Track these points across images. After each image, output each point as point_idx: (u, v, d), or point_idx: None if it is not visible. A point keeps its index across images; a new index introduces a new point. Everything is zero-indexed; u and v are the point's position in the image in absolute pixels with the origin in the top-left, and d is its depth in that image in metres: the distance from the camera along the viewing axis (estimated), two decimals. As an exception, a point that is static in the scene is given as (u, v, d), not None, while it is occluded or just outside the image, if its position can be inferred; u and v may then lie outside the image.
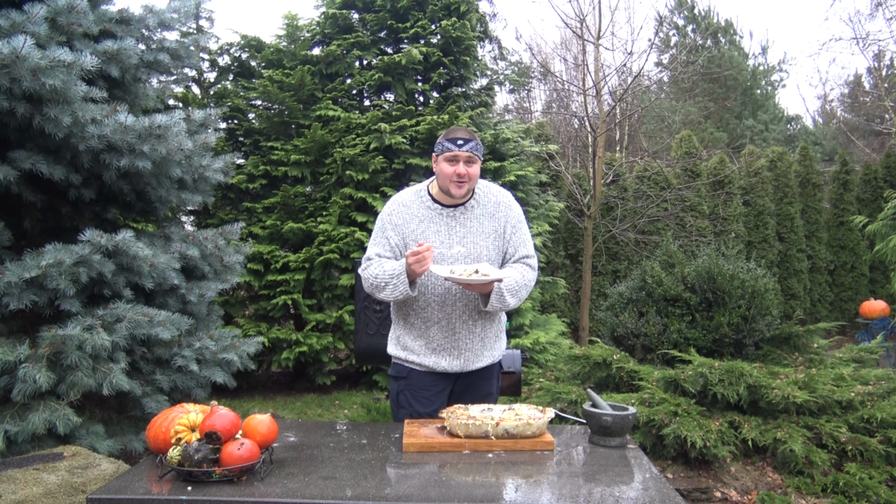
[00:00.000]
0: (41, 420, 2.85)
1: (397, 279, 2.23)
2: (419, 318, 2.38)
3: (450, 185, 2.30)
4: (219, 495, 1.56)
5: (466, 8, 6.73)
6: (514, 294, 2.31)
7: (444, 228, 2.36)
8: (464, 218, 2.37)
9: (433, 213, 2.37)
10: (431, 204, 2.38)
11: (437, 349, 2.38)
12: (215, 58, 6.96)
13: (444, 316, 2.35)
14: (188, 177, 3.88)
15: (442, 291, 2.34)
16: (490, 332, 2.44)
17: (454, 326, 2.36)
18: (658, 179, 9.57)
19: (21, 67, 2.81)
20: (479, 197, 2.41)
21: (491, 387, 2.53)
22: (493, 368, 2.52)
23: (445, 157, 2.29)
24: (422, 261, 2.15)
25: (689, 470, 3.50)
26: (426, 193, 2.41)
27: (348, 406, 5.73)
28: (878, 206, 10.43)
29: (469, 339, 2.38)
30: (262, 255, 6.01)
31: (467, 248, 2.35)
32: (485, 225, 2.38)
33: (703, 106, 16.76)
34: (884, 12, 13.29)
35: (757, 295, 4.23)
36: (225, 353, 3.76)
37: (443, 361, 2.38)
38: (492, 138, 6.56)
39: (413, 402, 2.41)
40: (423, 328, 2.38)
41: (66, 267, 3.00)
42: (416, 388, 2.41)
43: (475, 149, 2.30)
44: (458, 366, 2.39)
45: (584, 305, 7.83)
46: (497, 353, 2.50)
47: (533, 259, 2.45)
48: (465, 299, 2.35)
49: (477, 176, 2.34)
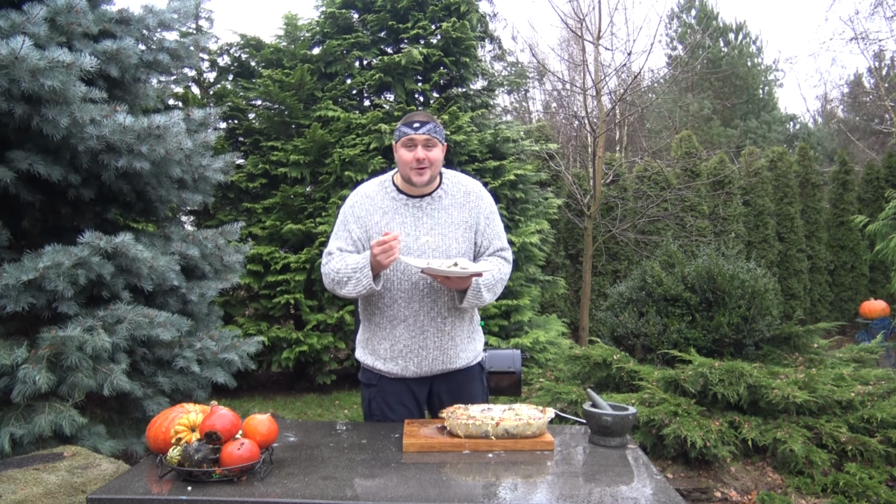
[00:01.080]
0: (47, 422, 2.84)
1: (360, 272, 2.07)
2: (384, 316, 2.21)
3: (410, 172, 2.15)
4: (219, 495, 1.55)
5: (467, 8, 6.73)
6: (490, 289, 2.19)
7: (410, 220, 2.20)
8: (431, 209, 2.22)
9: (398, 205, 2.22)
10: (396, 195, 2.23)
11: (403, 351, 2.20)
12: (215, 58, 6.96)
13: (412, 313, 2.19)
14: (188, 176, 3.88)
15: (409, 287, 2.17)
16: (461, 330, 2.27)
17: (422, 325, 2.19)
18: (658, 179, 9.58)
19: (20, 68, 2.80)
20: (448, 187, 2.26)
21: (473, 390, 2.34)
22: (473, 371, 2.35)
23: (402, 142, 2.16)
24: (388, 251, 1.99)
25: (689, 470, 3.50)
26: (391, 184, 2.25)
27: (348, 406, 5.73)
28: (879, 206, 10.43)
29: (438, 338, 2.21)
30: (261, 257, 6.01)
31: (436, 238, 2.19)
32: (454, 216, 2.23)
33: (711, 102, 16.76)
34: (884, 11, 13.30)
35: (757, 295, 4.22)
36: (225, 353, 3.76)
37: (411, 365, 2.21)
38: (492, 138, 6.56)
39: (385, 410, 2.26)
40: (389, 328, 2.21)
41: (64, 269, 2.99)
42: (387, 394, 2.26)
43: (433, 131, 2.14)
44: (427, 368, 2.23)
45: (584, 305, 7.83)
46: (472, 354, 2.33)
47: (508, 252, 2.31)
48: (433, 295, 2.18)
49: (438, 161, 2.18)
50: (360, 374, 2.37)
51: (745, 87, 18.37)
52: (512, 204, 6.69)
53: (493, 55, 8.86)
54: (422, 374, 2.25)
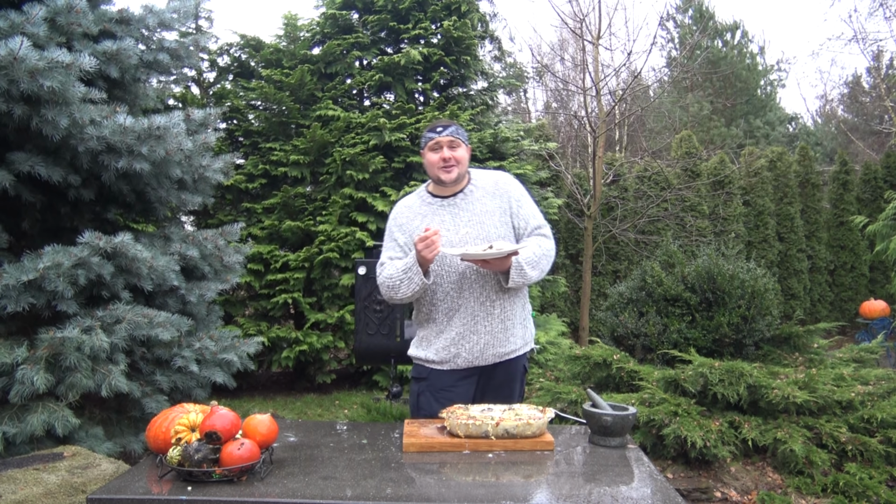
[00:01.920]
0: (40, 422, 2.84)
1: (410, 271, 2.21)
2: (440, 311, 2.34)
3: (438, 172, 2.31)
4: (219, 495, 1.55)
5: (467, 8, 6.74)
6: (534, 266, 2.27)
7: (448, 217, 2.35)
8: (465, 203, 2.37)
9: (434, 207, 2.38)
10: (431, 199, 2.40)
11: (456, 339, 2.31)
12: (215, 58, 6.96)
13: (464, 302, 2.31)
14: (188, 177, 3.88)
15: (456, 279, 2.31)
16: (512, 314, 2.37)
17: (473, 311, 2.30)
18: (658, 179, 9.57)
19: (19, 69, 2.80)
20: (477, 181, 2.42)
21: (513, 390, 2.43)
22: (518, 364, 2.43)
23: (429, 146, 2.33)
24: (430, 245, 2.11)
25: (689, 470, 3.50)
26: (425, 192, 2.44)
27: (348, 406, 5.73)
28: (879, 206, 10.43)
29: (488, 322, 2.31)
30: (261, 255, 6.01)
31: (475, 228, 2.32)
32: (487, 204, 2.36)
33: (712, 101, 16.75)
34: (884, 12, 13.30)
35: (757, 295, 4.22)
36: (225, 353, 3.76)
37: (462, 352, 2.31)
38: (491, 138, 6.56)
39: (434, 403, 2.33)
40: (446, 321, 2.34)
41: (64, 269, 2.99)
42: (436, 388, 2.36)
43: (456, 133, 2.32)
44: (478, 354, 2.31)
45: (584, 305, 7.83)
46: (521, 341, 2.42)
47: (546, 228, 2.41)
48: (480, 281, 2.30)
49: (465, 160, 2.35)
50: (411, 371, 2.50)
51: (745, 87, 18.37)
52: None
53: (493, 55, 8.85)
54: (472, 361, 2.34)
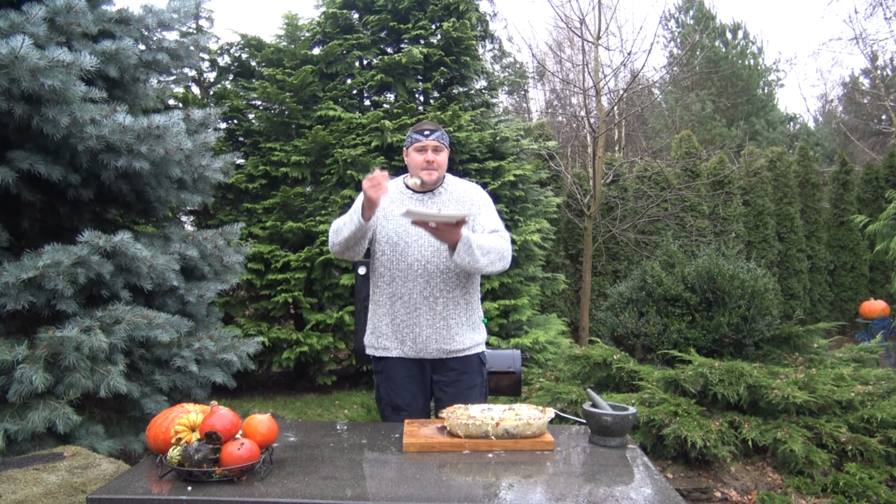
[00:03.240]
0: (41, 419, 2.84)
1: (354, 214, 2.31)
2: (384, 294, 2.47)
3: (420, 172, 2.46)
4: (219, 495, 1.55)
5: (466, 7, 6.73)
6: (484, 252, 2.29)
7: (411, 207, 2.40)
8: (431, 202, 2.51)
9: (403, 196, 2.52)
10: (404, 189, 2.54)
11: (400, 326, 2.43)
12: (215, 58, 6.95)
13: (406, 291, 2.42)
14: (188, 177, 3.88)
15: (405, 267, 2.43)
16: (455, 314, 2.44)
17: (416, 302, 2.42)
18: (658, 179, 9.57)
19: (20, 68, 2.80)
20: (448, 186, 2.56)
21: (472, 381, 2.49)
22: (471, 361, 2.50)
23: (415, 147, 2.47)
24: (377, 186, 2.18)
25: (689, 470, 3.50)
26: (401, 182, 2.58)
27: (348, 406, 5.73)
28: (879, 206, 10.44)
29: (430, 317, 2.41)
30: (262, 255, 6.01)
31: None
32: (450, 208, 2.49)
33: (714, 101, 16.74)
34: (884, 12, 13.30)
35: (757, 295, 4.22)
36: (224, 353, 3.75)
37: (408, 340, 2.43)
38: (491, 138, 6.56)
39: (391, 394, 2.47)
40: (389, 304, 2.46)
41: (64, 268, 2.99)
42: (392, 378, 2.48)
43: (440, 138, 2.47)
44: (422, 346, 2.42)
45: (584, 305, 7.83)
46: (469, 342, 2.48)
47: (504, 232, 2.48)
48: (426, 276, 2.41)
49: (444, 164, 2.50)
50: (372, 365, 2.57)
51: (745, 87, 18.35)
52: (512, 203, 6.68)
53: (493, 55, 8.86)
54: (419, 353, 2.45)
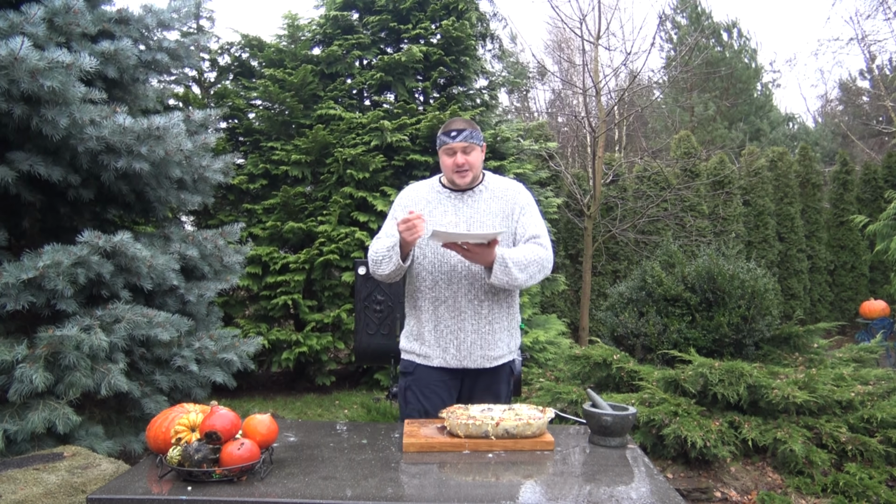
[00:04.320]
0: (40, 419, 2.84)
1: (392, 251, 2.24)
2: (426, 298, 2.37)
3: (453, 175, 2.37)
4: (219, 495, 1.55)
5: (465, 7, 6.73)
6: (522, 268, 2.24)
7: (450, 209, 2.39)
8: (471, 200, 2.40)
9: (441, 196, 2.42)
10: (441, 188, 2.45)
11: (444, 332, 2.34)
12: (216, 57, 6.95)
13: (451, 294, 2.33)
14: (188, 177, 3.88)
15: (448, 269, 2.34)
16: (500, 318, 2.37)
17: (461, 306, 2.32)
18: (658, 179, 9.57)
19: (19, 69, 2.80)
20: (489, 183, 2.45)
21: (500, 391, 2.44)
22: (503, 370, 2.44)
23: (443, 150, 2.37)
24: (412, 228, 2.13)
25: (689, 470, 3.50)
26: (437, 182, 2.49)
27: (348, 406, 5.73)
28: (879, 206, 10.43)
29: (475, 321, 2.33)
30: (260, 258, 6.00)
31: (473, 226, 2.36)
32: (492, 206, 2.39)
33: (712, 102, 16.73)
34: (884, 12, 13.29)
35: (757, 295, 4.22)
36: (225, 353, 3.75)
37: (451, 348, 2.33)
38: (491, 138, 6.57)
39: (421, 399, 2.37)
40: (432, 310, 2.36)
41: (64, 268, 2.99)
42: (422, 383, 2.38)
43: (469, 137, 2.34)
44: (466, 353, 2.33)
45: (584, 305, 7.83)
46: (506, 348, 2.42)
47: (544, 238, 2.39)
48: (471, 277, 2.33)
49: (478, 163, 2.38)
50: (399, 365, 2.50)
51: (745, 88, 18.35)
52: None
53: (493, 54, 8.84)
54: (461, 361, 2.35)
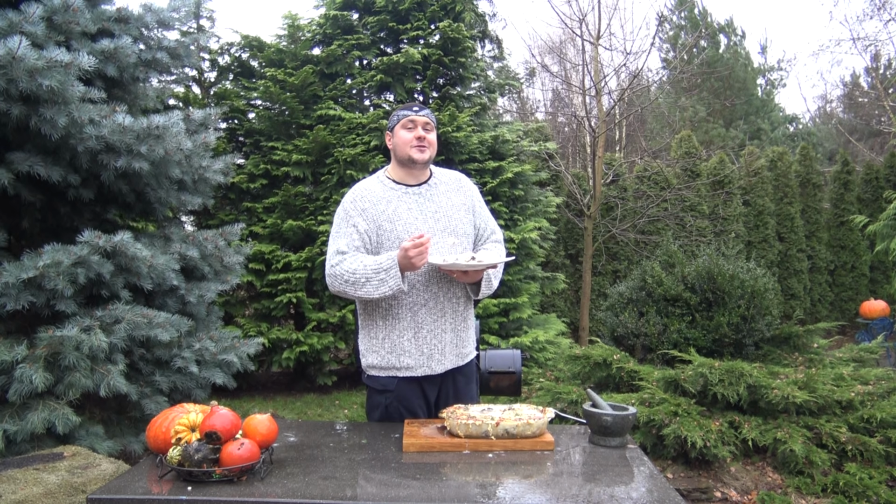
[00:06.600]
0: (40, 419, 2.84)
1: (386, 273, 2.07)
2: (403, 305, 2.20)
3: (410, 150, 2.23)
4: (219, 495, 1.55)
5: (462, 8, 6.73)
6: (497, 277, 2.32)
7: (414, 206, 2.25)
8: (430, 194, 2.30)
9: (399, 193, 2.27)
10: (394, 185, 2.29)
11: (427, 337, 2.20)
12: (216, 57, 6.95)
13: (431, 296, 2.22)
14: (188, 178, 3.87)
15: (423, 271, 2.20)
16: (469, 316, 2.37)
17: (442, 307, 2.23)
18: (658, 179, 9.57)
19: (18, 68, 2.79)
20: (439, 176, 2.38)
21: (472, 391, 2.39)
22: (472, 369, 2.41)
23: (402, 123, 2.26)
24: (423, 253, 2.04)
25: (689, 470, 3.50)
26: (385, 178, 2.32)
27: (348, 406, 5.73)
28: (879, 206, 10.42)
29: (453, 321, 2.26)
30: (263, 255, 6.01)
31: (441, 222, 2.26)
32: (453, 199, 2.33)
33: (709, 103, 16.74)
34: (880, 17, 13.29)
35: (757, 295, 4.22)
36: (225, 354, 3.75)
37: (435, 353, 2.21)
38: (491, 139, 6.57)
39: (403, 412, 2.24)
40: (411, 316, 2.20)
41: (64, 268, 2.99)
42: (405, 400, 2.23)
43: (430, 115, 2.31)
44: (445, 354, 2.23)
45: (584, 305, 7.83)
46: (471, 346, 2.39)
47: (500, 234, 2.45)
48: (448, 277, 2.23)
49: (435, 145, 2.30)
50: (367, 380, 2.30)
51: (743, 87, 18.36)
52: (511, 202, 6.68)
53: (492, 55, 8.84)
54: (444, 364, 2.26)
